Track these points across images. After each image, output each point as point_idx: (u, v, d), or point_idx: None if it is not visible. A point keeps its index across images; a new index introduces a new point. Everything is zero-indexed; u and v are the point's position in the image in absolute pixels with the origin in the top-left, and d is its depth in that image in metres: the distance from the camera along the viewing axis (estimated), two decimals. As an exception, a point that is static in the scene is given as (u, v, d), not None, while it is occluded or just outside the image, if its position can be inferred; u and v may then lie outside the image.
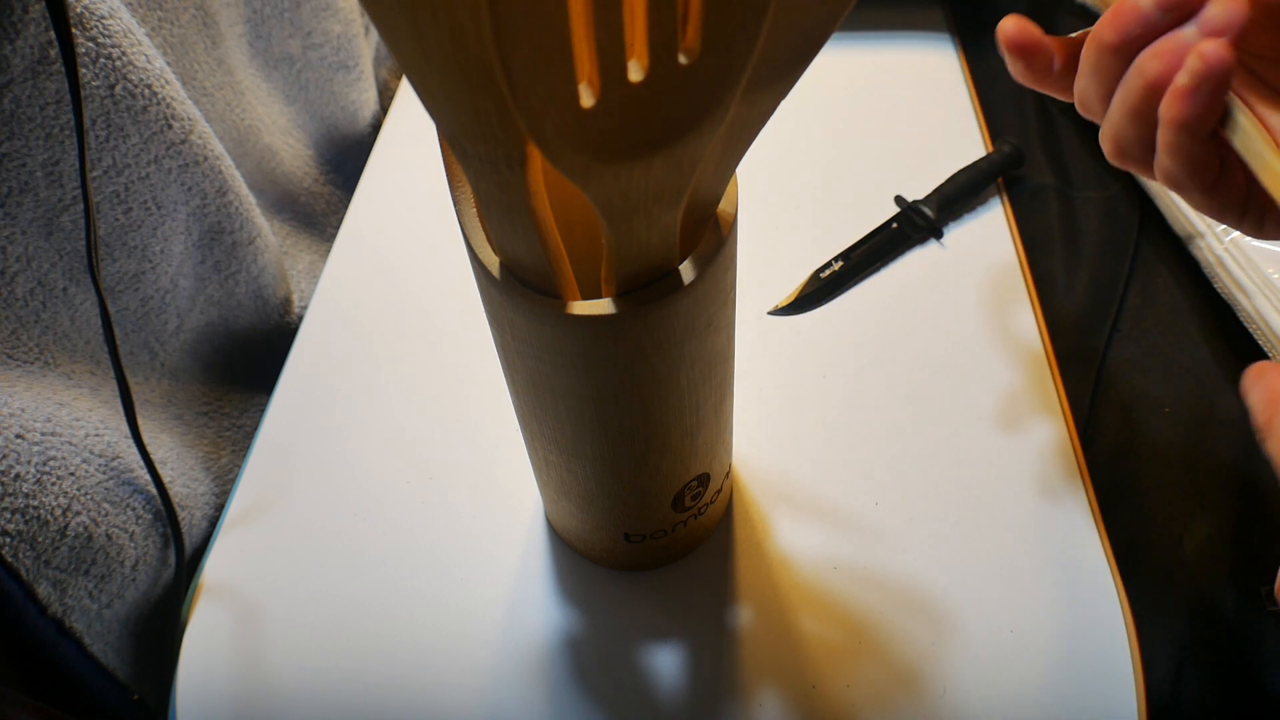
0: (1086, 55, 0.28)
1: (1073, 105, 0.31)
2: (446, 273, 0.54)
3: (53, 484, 0.34)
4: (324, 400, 0.48)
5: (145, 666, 0.40)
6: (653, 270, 0.25)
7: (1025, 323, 0.48)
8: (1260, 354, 0.46)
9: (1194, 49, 0.25)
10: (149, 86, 0.39)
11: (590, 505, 0.35)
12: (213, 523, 0.45)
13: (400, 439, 0.46)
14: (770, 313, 0.50)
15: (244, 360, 0.52)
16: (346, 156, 0.66)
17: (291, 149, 0.60)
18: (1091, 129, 0.58)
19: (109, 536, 0.37)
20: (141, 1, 0.43)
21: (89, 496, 0.36)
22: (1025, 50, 0.30)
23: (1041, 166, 0.57)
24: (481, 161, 0.21)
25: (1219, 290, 0.48)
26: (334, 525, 0.43)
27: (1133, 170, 0.30)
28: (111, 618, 0.38)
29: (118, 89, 0.37)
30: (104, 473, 0.38)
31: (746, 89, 0.21)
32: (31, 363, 0.37)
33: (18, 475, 0.33)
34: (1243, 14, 0.24)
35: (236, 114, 0.53)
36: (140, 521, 0.39)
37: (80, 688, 0.37)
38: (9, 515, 0.32)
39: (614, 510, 0.35)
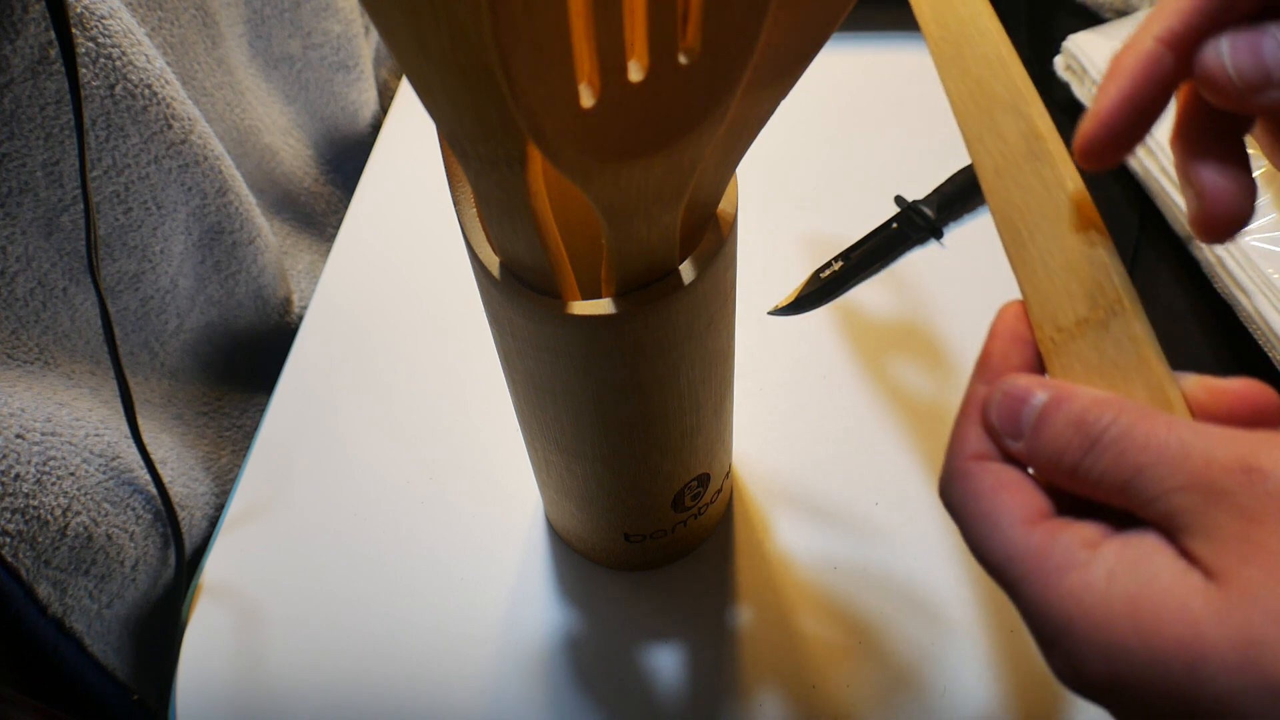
0: None
1: (1073, 105, 0.28)
2: (446, 273, 0.54)
3: (53, 484, 0.34)
4: (324, 400, 0.48)
5: (145, 666, 0.40)
6: (653, 270, 0.25)
7: (1025, 323, 0.48)
8: (1260, 354, 0.46)
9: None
10: (149, 86, 0.39)
11: (590, 505, 0.35)
12: (213, 523, 0.45)
13: (400, 439, 0.46)
14: (770, 313, 0.50)
15: (244, 360, 0.52)
16: (346, 156, 0.66)
17: (291, 149, 0.60)
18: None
19: (109, 536, 0.37)
20: (141, 1, 0.43)
21: (89, 496, 0.36)
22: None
23: (1041, 166, 0.57)
24: (481, 161, 0.21)
25: (1219, 290, 0.48)
26: (334, 525, 0.43)
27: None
28: (111, 618, 0.38)
29: (118, 89, 0.37)
30: (104, 473, 0.38)
31: (746, 89, 0.21)
32: (31, 363, 0.37)
33: (18, 475, 0.33)
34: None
35: (236, 114, 0.53)
36: (140, 521, 0.39)
37: (80, 688, 0.37)
38: (9, 515, 0.32)
39: (614, 510, 0.35)
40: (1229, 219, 0.21)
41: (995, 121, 0.23)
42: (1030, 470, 0.21)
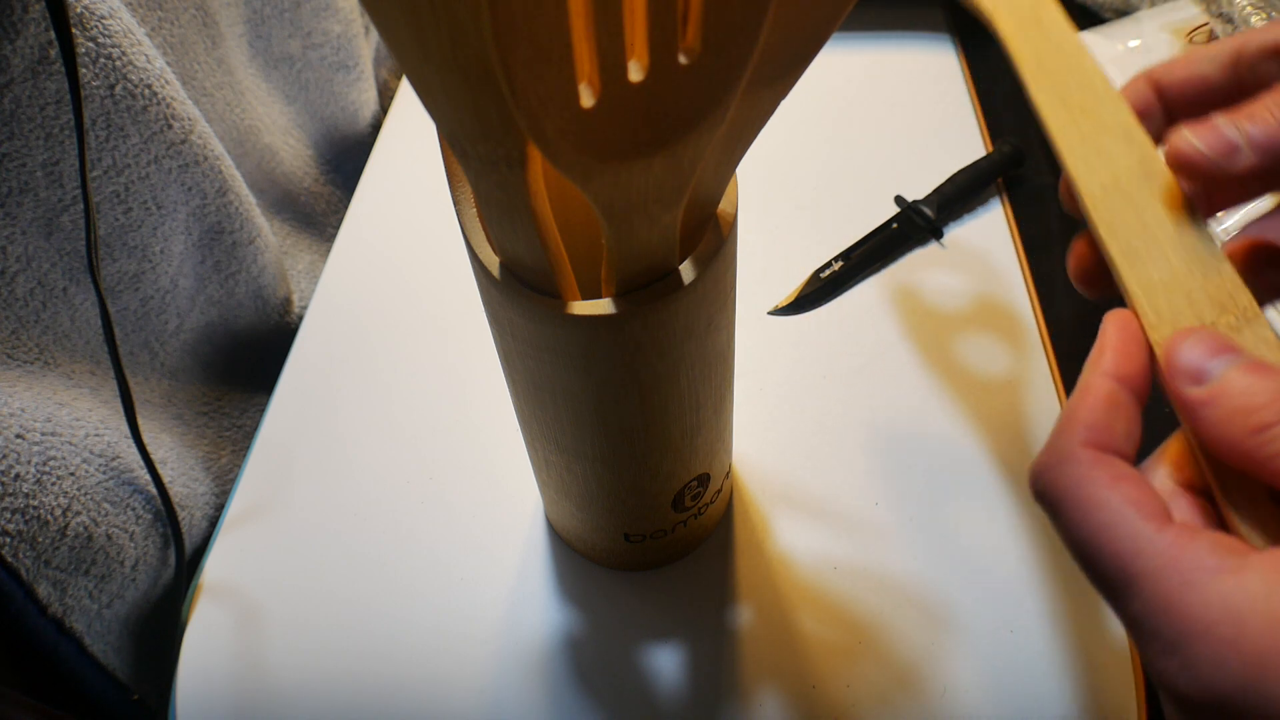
0: None
1: None
2: (446, 273, 0.54)
3: (53, 484, 0.34)
4: (324, 400, 0.48)
5: (145, 666, 0.40)
6: (653, 270, 0.25)
7: (1025, 323, 0.48)
8: (1260, 354, 0.46)
9: None
10: (149, 86, 0.39)
11: (590, 505, 0.35)
12: (213, 523, 0.45)
13: (400, 439, 0.46)
14: (770, 313, 0.50)
15: (244, 360, 0.52)
16: (346, 156, 0.66)
17: (291, 149, 0.60)
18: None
19: (109, 536, 0.37)
20: (141, 1, 0.43)
21: (89, 496, 0.36)
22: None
23: (1041, 166, 0.57)
24: (481, 161, 0.21)
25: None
26: (334, 525, 0.43)
27: None
28: (111, 618, 0.38)
29: (118, 89, 0.37)
30: (104, 473, 0.38)
31: (746, 89, 0.21)
32: (31, 363, 0.37)
33: (18, 475, 0.33)
34: None
35: (236, 114, 0.53)
36: (140, 521, 0.39)
37: (80, 688, 0.37)
38: (9, 515, 0.32)
39: (614, 510, 0.35)
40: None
41: (1103, 147, 0.25)
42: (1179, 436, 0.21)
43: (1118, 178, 0.24)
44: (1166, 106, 0.26)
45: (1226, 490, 0.20)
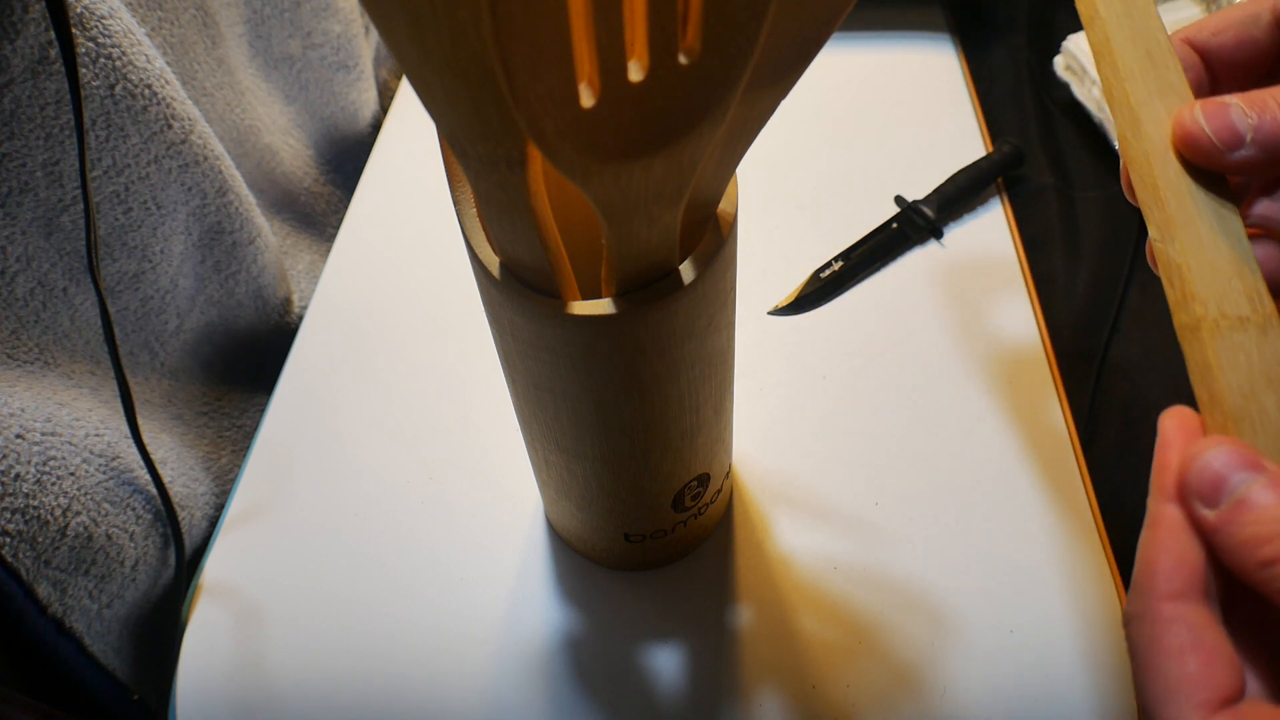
0: None
1: (1073, 105, 0.29)
2: (446, 273, 0.54)
3: (53, 484, 0.34)
4: (324, 400, 0.48)
5: (145, 666, 0.40)
6: (653, 270, 0.25)
7: (1025, 323, 0.48)
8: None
9: None
10: (149, 86, 0.39)
11: (590, 505, 0.35)
12: (213, 523, 0.45)
13: (400, 439, 0.46)
14: (770, 313, 0.50)
15: (244, 360, 0.52)
16: (346, 156, 0.66)
17: (291, 149, 0.60)
18: (1092, 128, 0.58)
19: (109, 536, 0.37)
20: (141, 1, 0.43)
21: (89, 496, 0.36)
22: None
23: (1041, 166, 0.57)
24: (481, 161, 0.21)
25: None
26: (334, 525, 0.43)
27: None
28: (111, 618, 0.38)
29: (118, 89, 0.37)
30: (104, 473, 0.38)
31: (746, 89, 0.21)
32: (31, 363, 0.37)
33: (18, 475, 0.33)
34: None
35: (236, 114, 0.53)
36: (140, 521, 0.39)
37: (80, 688, 0.37)
38: (9, 515, 0.32)
39: (614, 510, 0.35)
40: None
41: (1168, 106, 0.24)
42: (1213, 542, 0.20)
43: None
44: (1212, 73, 0.25)
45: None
